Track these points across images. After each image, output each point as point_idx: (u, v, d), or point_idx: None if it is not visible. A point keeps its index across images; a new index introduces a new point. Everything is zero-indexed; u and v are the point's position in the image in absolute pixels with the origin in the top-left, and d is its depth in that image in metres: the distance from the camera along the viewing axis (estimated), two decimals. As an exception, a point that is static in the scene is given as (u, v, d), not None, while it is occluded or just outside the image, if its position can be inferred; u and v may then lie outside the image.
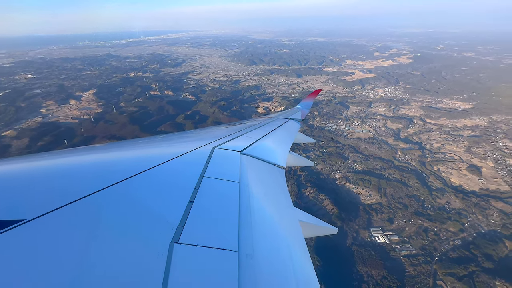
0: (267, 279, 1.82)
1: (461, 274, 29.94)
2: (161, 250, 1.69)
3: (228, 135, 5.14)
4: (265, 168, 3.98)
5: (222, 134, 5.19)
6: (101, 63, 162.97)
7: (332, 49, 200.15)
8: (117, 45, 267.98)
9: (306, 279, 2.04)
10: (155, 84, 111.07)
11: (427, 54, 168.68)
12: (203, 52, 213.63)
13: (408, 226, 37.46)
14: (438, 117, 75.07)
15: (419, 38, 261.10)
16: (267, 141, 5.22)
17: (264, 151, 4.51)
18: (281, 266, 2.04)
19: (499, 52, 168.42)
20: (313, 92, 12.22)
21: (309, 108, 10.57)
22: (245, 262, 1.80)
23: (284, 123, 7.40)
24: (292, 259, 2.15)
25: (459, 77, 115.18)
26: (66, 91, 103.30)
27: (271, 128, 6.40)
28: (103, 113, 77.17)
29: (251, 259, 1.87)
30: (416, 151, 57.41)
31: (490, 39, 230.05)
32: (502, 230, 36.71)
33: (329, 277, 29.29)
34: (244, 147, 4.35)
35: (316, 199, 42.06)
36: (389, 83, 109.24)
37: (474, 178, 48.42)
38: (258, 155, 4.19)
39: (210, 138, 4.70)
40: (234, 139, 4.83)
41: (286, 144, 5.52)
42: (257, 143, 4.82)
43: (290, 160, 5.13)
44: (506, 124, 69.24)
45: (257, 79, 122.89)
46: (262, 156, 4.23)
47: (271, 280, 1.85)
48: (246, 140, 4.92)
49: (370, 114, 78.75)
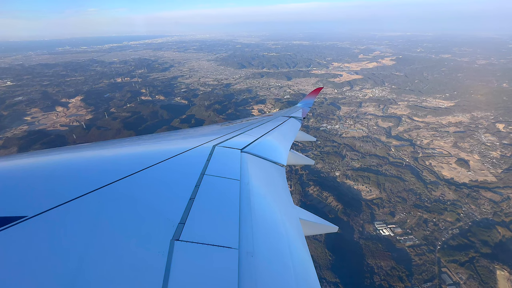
0: (267, 276, 1.84)
1: (462, 260, 31.78)
2: (162, 247, 1.70)
3: (229, 133, 5.12)
4: (266, 166, 3.98)
5: (223, 132, 5.16)
6: (85, 69, 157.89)
7: (318, 52, 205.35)
8: (99, 51, 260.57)
9: (306, 277, 2.04)
10: (145, 89, 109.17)
11: (408, 56, 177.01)
12: (190, 56, 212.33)
13: (409, 218, 39.22)
14: (424, 115, 79.02)
15: (399, 41, 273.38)
16: (268, 139, 5.21)
17: (265, 149, 4.51)
18: (282, 264, 2.04)
19: (472, 54, 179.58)
20: (314, 90, 12.21)
21: (310, 106, 10.60)
22: (246, 260, 1.80)
23: (285, 121, 7.35)
24: (293, 257, 2.14)
25: (439, 77, 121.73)
26: (51, 98, 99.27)
27: (272, 126, 6.40)
28: (95, 119, 74.96)
29: (251, 257, 1.87)
30: (408, 147, 60.18)
31: (463, 42, 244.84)
32: (493, 218, 39.27)
33: (343, 270, 30.22)
34: (245, 145, 4.36)
35: (320, 196, 43.10)
36: (376, 84, 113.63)
37: (463, 171, 51.40)
38: (259, 153, 4.19)
39: (211, 136, 4.69)
40: (235, 137, 4.82)
41: (287, 142, 5.52)
42: (258, 141, 4.80)
43: (291, 158, 5.11)
44: (486, 120, 74.04)
45: (248, 82, 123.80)
46: (263, 154, 4.23)
47: (271, 278, 1.87)
48: (247, 138, 4.92)
49: (361, 113, 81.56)
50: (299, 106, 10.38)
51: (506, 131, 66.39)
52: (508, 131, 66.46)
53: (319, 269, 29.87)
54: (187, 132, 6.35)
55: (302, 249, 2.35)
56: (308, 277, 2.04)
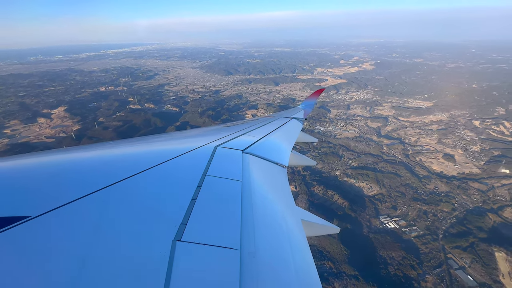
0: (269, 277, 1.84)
1: (464, 246, 34.24)
2: (164, 248, 1.71)
3: (230, 134, 5.13)
4: (268, 167, 3.99)
5: (225, 133, 5.16)
6: (63, 79, 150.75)
7: (301, 58, 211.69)
8: (76, 59, 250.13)
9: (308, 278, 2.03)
10: (132, 97, 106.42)
11: (385, 61, 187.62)
12: (174, 64, 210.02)
13: (410, 211, 41.55)
14: (408, 115, 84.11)
15: (375, 47, 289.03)
16: (269, 140, 5.21)
17: (266, 150, 4.51)
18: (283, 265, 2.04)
19: (442, 58, 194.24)
20: (316, 91, 12.11)
21: (312, 107, 10.57)
22: (247, 260, 1.81)
23: (287, 122, 7.37)
24: (294, 258, 2.14)
25: (416, 79, 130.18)
26: (31, 109, 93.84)
27: (273, 127, 6.38)
28: (84, 130, 71.96)
29: (253, 258, 1.87)
30: (399, 145, 63.75)
31: (432, 47, 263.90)
32: (483, 206, 42.64)
33: (359, 263, 31.44)
34: (246, 145, 4.36)
35: (326, 195, 44.48)
36: (360, 87, 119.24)
37: (450, 165, 55.32)
38: (260, 154, 4.20)
39: (213, 137, 4.70)
40: (236, 138, 4.82)
41: (288, 143, 5.51)
42: (259, 142, 4.81)
43: (293, 159, 5.10)
44: (463, 118, 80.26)
45: (236, 88, 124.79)
46: (265, 155, 4.23)
47: (273, 279, 1.87)
48: (248, 139, 4.93)
49: (350, 115, 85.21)
50: (300, 107, 10.31)
51: (482, 127, 72.45)
52: (483, 127, 72.55)
53: (338, 264, 30.90)
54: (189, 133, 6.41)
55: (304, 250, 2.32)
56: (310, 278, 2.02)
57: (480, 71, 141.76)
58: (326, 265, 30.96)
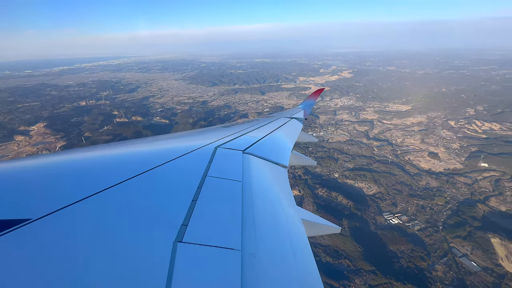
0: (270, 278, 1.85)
1: (463, 235, 36.85)
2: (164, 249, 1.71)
3: (230, 134, 5.15)
4: (268, 167, 4.01)
5: (225, 134, 5.20)
6: (37, 94, 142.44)
7: (283, 68, 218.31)
8: (48, 74, 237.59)
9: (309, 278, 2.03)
10: (117, 111, 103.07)
11: (361, 69, 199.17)
12: (155, 76, 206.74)
13: (409, 206, 43.97)
14: (391, 118, 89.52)
15: (350, 57, 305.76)
16: (269, 140, 5.24)
17: (266, 150, 4.53)
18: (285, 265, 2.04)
19: (411, 65, 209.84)
20: (315, 91, 12.07)
21: (312, 107, 10.65)
22: (249, 261, 1.81)
23: (287, 122, 7.40)
24: (296, 258, 2.14)
25: (392, 85, 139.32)
26: (5, 127, 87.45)
27: (273, 127, 6.41)
28: (70, 145, 68.28)
29: (254, 258, 1.87)
30: (387, 146, 67.53)
31: (401, 56, 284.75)
32: (472, 197, 46.24)
33: (374, 259, 32.64)
34: (246, 146, 4.39)
35: (330, 196, 45.83)
36: (342, 94, 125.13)
37: (436, 162, 59.49)
38: (261, 154, 4.21)
39: (213, 137, 4.72)
40: (237, 138, 4.85)
41: (289, 143, 5.54)
42: (259, 142, 4.84)
43: (293, 159, 5.12)
44: (439, 119, 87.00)
45: (224, 98, 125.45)
46: (265, 155, 4.25)
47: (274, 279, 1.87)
48: (248, 139, 4.95)
49: (338, 120, 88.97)
50: (300, 107, 10.32)
51: (457, 126, 78.98)
52: (459, 126, 79.14)
53: (354, 261, 31.89)
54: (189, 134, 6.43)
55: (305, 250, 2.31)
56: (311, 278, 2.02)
57: (446, 76, 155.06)
58: (344, 263, 31.84)
